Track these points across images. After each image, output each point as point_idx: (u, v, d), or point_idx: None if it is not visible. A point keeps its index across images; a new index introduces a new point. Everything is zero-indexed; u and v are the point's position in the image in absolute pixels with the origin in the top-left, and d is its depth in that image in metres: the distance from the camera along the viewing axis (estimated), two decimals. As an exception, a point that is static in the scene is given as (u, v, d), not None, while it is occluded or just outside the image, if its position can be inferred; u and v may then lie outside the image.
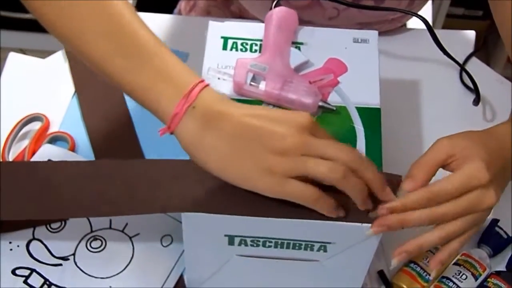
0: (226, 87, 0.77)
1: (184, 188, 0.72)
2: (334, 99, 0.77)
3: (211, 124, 0.65)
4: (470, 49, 1.10)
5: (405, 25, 1.15)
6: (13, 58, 1.04)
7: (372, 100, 0.77)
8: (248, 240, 0.72)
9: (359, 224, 0.69)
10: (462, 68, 1.05)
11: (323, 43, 0.81)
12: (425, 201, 0.68)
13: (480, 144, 0.71)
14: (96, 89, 1.00)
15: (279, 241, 0.72)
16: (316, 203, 0.66)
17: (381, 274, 0.86)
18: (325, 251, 0.73)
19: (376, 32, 0.82)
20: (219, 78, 0.77)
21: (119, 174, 0.77)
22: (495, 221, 0.90)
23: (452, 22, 1.85)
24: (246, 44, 0.80)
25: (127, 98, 0.99)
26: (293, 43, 0.80)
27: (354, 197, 0.66)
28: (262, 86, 0.75)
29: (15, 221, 0.84)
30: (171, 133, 0.67)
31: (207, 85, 0.67)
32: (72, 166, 0.80)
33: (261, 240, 0.72)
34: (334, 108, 0.76)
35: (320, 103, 0.75)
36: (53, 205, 0.77)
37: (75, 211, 0.78)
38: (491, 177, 0.70)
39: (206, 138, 0.65)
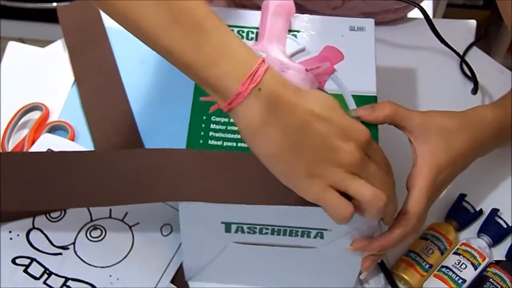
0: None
1: (181, 177, 0.72)
2: (330, 87, 0.77)
3: (275, 112, 0.62)
4: (471, 38, 1.10)
5: (406, 15, 1.14)
6: (13, 48, 1.04)
7: (369, 88, 0.77)
8: (245, 227, 0.72)
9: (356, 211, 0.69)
10: (461, 57, 1.05)
11: (319, 31, 0.81)
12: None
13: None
14: (96, 78, 1.01)
15: (276, 228, 0.72)
16: (344, 221, 0.65)
17: (380, 263, 0.86)
18: (322, 238, 0.73)
19: (372, 20, 0.82)
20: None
21: (118, 164, 0.77)
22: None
23: (453, 11, 1.85)
24: (243, 32, 0.80)
25: (126, 86, 1.00)
26: (290, 31, 0.80)
27: (372, 218, 0.68)
28: (259, 73, 0.75)
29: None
30: (227, 111, 0.64)
31: (269, 66, 0.63)
32: (71, 157, 0.80)
33: (258, 227, 0.72)
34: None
35: (317, 91, 0.75)
36: (53, 196, 0.77)
37: (75, 201, 0.78)
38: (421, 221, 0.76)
39: (266, 126, 0.62)
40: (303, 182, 0.64)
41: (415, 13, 1.05)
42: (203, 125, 0.73)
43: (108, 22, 1.05)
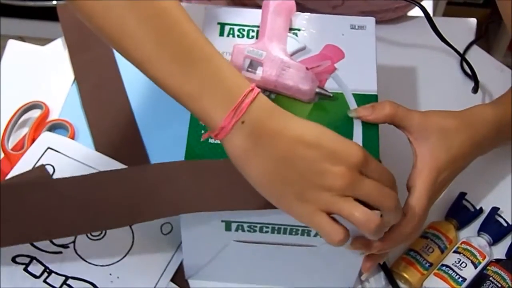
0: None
1: (179, 190, 0.72)
2: (331, 85, 0.77)
3: (260, 143, 0.62)
4: (471, 37, 1.10)
5: (406, 13, 1.14)
6: (13, 46, 1.04)
7: (369, 86, 0.77)
8: (245, 225, 0.72)
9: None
10: (461, 56, 1.05)
11: (320, 30, 0.80)
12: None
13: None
14: (96, 76, 1.01)
15: (276, 227, 0.72)
16: (338, 244, 0.65)
17: (380, 261, 0.86)
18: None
19: (373, 19, 0.82)
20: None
21: (114, 184, 0.77)
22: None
23: (453, 9, 1.84)
24: (243, 30, 0.80)
25: (126, 84, 1.00)
26: (290, 29, 0.80)
27: (370, 237, 0.67)
28: (259, 72, 0.75)
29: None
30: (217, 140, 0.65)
31: (259, 92, 0.63)
32: (63, 183, 0.80)
33: (258, 225, 0.72)
34: (331, 95, 0.75)
35: (317, 90, 0.75)
36: (53, 225, 0.77)
37: (75, 228, 0.78)
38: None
39: (253, 156, 0.63)
40: (294, 207, 0.64)
41: (415, 11, 1.05)
42: (204, 125, 0.73)
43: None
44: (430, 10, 0.99)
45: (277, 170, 0.63)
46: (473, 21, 1.13)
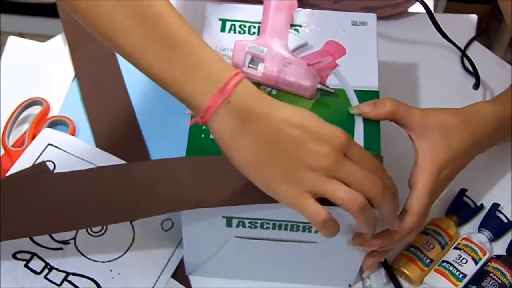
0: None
1: (180, 186, 0.72)
2: (332, 81, 0.77)
3: (246, 123, 0.64)
4: (472, 33, 1.10)
5: (406, 9, 1.14)
6: (13, 42, 1.04)
7: (371, 83, 0.77)
8: (246, 221, 0.72)
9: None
10: (462, 52, 1.05)
11: (321, 26, 0.80)
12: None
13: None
14: (96, 72, 1.01)
15: (277, 223, 0.72)
16: (322, 227, 0.65)
17: (381, 258, 0.86)
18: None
19: (374, 15, 0.82)
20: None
21: (115, 180, 0.77)
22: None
23: (454, 6, 1.84)
24: (244, 26, 0.80)
25: (126, 81, 1.00)
26: (292, 25, 0.80)
27: (362, 227, 0.67)
28: (261, 68, 0.75)
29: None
30: (203, 124, 0.66)
31: (244, 77, 0.65)
32: (67, 177, 0.80)
33: (259, 221, 0.72)
34: (333, 91, 0.75)
35: (319, 86, 0.75)
36: (55, 219, 0.77)
37: (77, 222, 0.78)
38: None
39: (239, 136, 0.64)
40: (280, 189, 0.64)
41: (416, 8, 1.05)
42: None
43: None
44: (431, 7, 0.98)
45: (263, 150, 0.64)
46: (473, 17, 1.13)
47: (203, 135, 0.72)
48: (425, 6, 0.96)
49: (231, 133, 0.64)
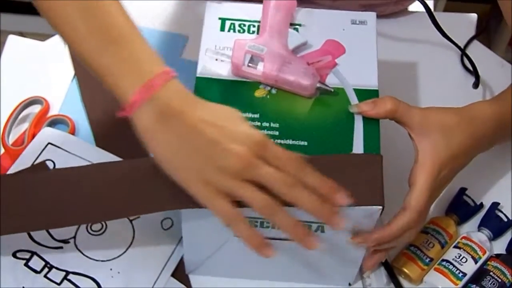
0: (224, 69, 0.77)
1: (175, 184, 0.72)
2: (332, 80, 0.77)
3: (167, 122, 0.66)
4: (472, 32, 1.10)
5: (407, 8, 1.14)
6: (13, 41, 1.04)
7: (370, 81, 0.77)
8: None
9: (356, 206, 0.69)
10: (462, 51, 1.04)
11: (321, 25, 0.80)
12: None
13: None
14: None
15: (277, 222, 0.72)
16: (234, 228, 0.67)
17: (380, 256, 0.86)
18: (322, 231, 0.73)
19: (374, 14, 0.82)
20: (216, 60, 0.77)
21: (114, 175, 0.77)
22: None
23: (454, 5, 1.84)
24: (244, 25, 0.80)
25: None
26: (291, 24, 0.80)
27: (283, 231, 0.68)
28: (260, 67, 0.75)
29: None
30: (127, 117, 0.68)
31: (173, 76, 0.67)
32: (64, 173, 0.80)
33: (259, 221, 0.72)
34: (332, 90, 0.75)
35: (318, 85, 0.75)
36: (55, 215, 0.77)
37: (77, 218, 0.78)
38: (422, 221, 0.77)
39: (159, 134, 0.66)
40: (197, 188, 0.66)
41: (416, 6, 1.05)
42: None
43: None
44: (431, 6, 0.98)
45: (181, 149, 0.65)
46: (473, 16, 1.13)
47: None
48: (425, 5, 0.96)
49: (153, 130, 0.66)
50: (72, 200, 0.77)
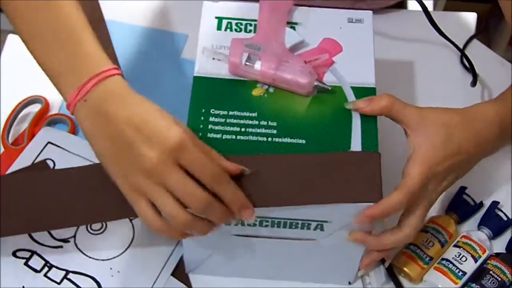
0: (221, 68, 0.77)
1: None
2: (329, 79, 0.77)
3: (97, 122, 0.67)
4: (471, 31, 1.10)
5: (406, 7, 1.14)
6: (13, 40, 1.04)
7: (367, 79, 0.77)
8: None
9: (355, 203, 0.69)
10: (460, 50, 1.04)
11: (317, 23, 0.80)
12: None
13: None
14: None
15: (276, 220, 0.72)
16: (156, 232, 0.67)
17: (380, 255, 0.86)
18: (322, 230, 0.73)
19: (370, 12, 0.82)
20: (213, 58, 0.77)
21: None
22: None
23: (454, 4, 1.84)
24: (241, 24, 0.80)
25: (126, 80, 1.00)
26: (288, 23, 0.80)
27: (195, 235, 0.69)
28: (258, 66, 0.75)
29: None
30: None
31: (112, 74, 0.68)
32: (65, 173, 0.81)
33: (258, 219, 0.72)
34: (330, 88, 0.75)
35: (316, 83, 0.75)
36: (56, 216, 0.78)
37: (75, 219, 0.79)
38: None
39: (94, 133, 0.67)
40: (124, 188, 0.67)
41: (415, 5, 1.05)
42: (202, 118, 0.73)
43: (108, 14, 1.04)
44: (430, 5, 0.98)
45: (111, 149, 0.66)
46: (473, 15, 1.13)
47: (200, 134, 0.72)
48: (422, 4, 0.96)
49: (89, 128, 0.68)
50: (73, 201, 0.77)
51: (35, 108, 0.96)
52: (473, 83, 0.99)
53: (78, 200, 0.77)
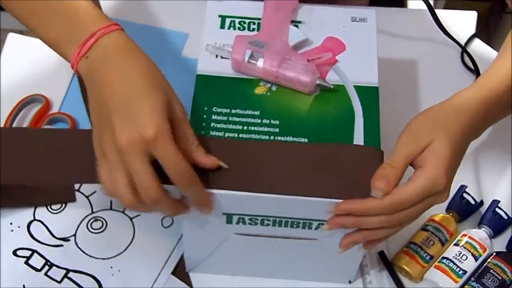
0: (224, 66, 0.77)
1: None
2: (332, 77, 0.77)
3: (91, 80, 0.68)
4: (472, 30, 1.10)
5: (406, 5, 1.14)
6: (13, 39, 1.04)
7: (370, 78, 0.77)
8: (246, 218, 0.72)
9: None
10: (463, 48, 1.04)
11: (321, 22, 0.80)
12: (388, 211, 0.68)
13: (443, 137, 0.70)
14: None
15: (277, 219, 0.72)
16: (126, 206, 0.68)
17: (381, 255, 0.86)
18: (323, 229, 0.73)
19: (374, 11, 0.82)
20: (217, 56, 0.77)
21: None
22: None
23: (454, 3, 1.84)
24: (244, 22, 0.80)
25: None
26: (292, 21, 0.80)
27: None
28: (260, 63, 0.75)
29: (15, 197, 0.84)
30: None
31: (112, 30, 0.68)
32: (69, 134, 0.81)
33: (259, 218, 0.72)
34: (332, 87, 0.75)
35: (318, 81, 0.75)
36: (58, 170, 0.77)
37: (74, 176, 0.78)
38: (448, 179, 0.70)
39: (89, 92, 0.68)
40: (96, 151, 0.67)
41: (417, 4, 1.05)
42: (205, 116, 0.73)
43: (109, 13, 1.04)
44: (431, 4, 0.98)
45: (96, 111, 0.67)
46: (474, 14, 1.13)
47: (202, 132, 0.72)
48: (427, 3, 0.96)
49: (88, 86, 0.68)
50: (71, 159, 0.77)
51: (36, 107, 0.96)
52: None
53: (77, 159, 0.76)
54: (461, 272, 0.84)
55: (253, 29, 0.80)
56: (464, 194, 0.91)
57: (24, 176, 0.76)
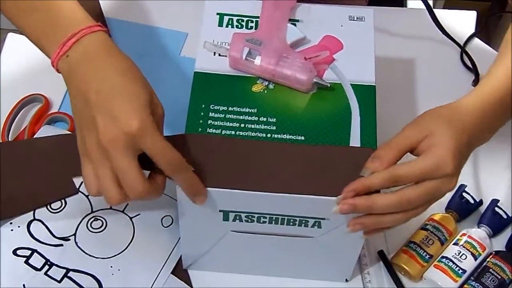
0: (221, 64, 0.77)
1: None
2: (329, 76, 0.77)
3: (72, 80, 0.68)
4: (471, 29, 1.10)
5: (406, 5, 1.14)
6: (12, 39, 1.04)
7: (367, 77, 0.77)
8: (243, 215, 0.72)
9: None
10: (462, 48, 1.04)
11: (319, 21, 0.81)
12: (388, 183, 0.68)
13: (447, 128, 0.70)
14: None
15: (274, 217, 0.72)
16: (112, 203, 0.67)
17: (381, 254, 0.86)
18: (319, 227, 0.73)
19: (371, 10, 0.82)
20: (214, 54, 0.77)
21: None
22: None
23: (453, 2, 1.84)
24: (242, 20, 0.80)
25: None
26: (290, 20, 0.80)
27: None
28: (258, 61, 0.75)
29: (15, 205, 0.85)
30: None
31: (93, 31, 0.69)
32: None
33: (256, 215, 0.72)
34: (329, 85, 0.75)
35: (315, 80, 0.75)
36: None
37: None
38: (455, 165, 0.69)
39: (69, 89, 0.69)
40: (80, 150, 0.67)
41: (416, 3, 1.05)
42: (202, 114, 0.73)
43: (108, 12, 1.05)
44: (430, 3, 0.98)
45: (78, 110, 0.67)
46: (473, 13, 1.13)
47: (200, 129, 0.72)
48: (425, 2, 0.96)
49: (68, 85, 0.69)
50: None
51: (35, 106, 0.96)
52: (475, 83, 0.99)
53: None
54: (460, 271, 0.84)
55: (251, 27, 0.80)
56: (464, 194, 0.91)
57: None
